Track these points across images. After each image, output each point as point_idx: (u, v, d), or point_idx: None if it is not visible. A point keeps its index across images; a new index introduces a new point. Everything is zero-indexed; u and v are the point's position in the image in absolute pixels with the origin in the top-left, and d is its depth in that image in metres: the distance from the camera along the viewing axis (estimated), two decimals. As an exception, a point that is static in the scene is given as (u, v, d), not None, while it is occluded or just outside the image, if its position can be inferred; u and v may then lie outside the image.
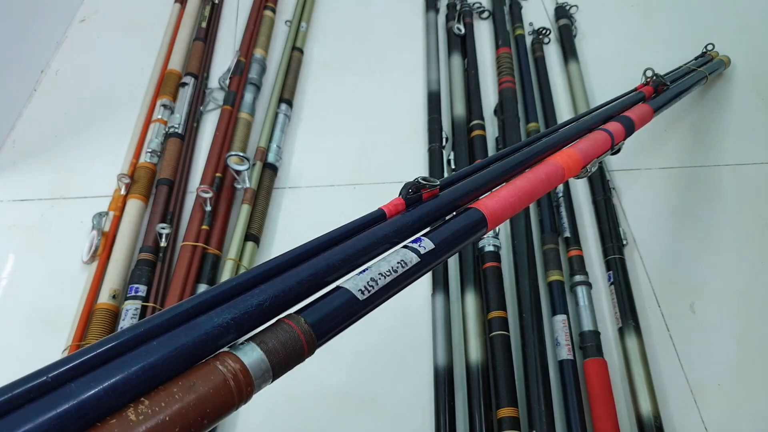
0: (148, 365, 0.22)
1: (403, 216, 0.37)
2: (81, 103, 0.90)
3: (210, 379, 0.23)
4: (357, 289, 0.30)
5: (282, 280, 0.29)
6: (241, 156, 0.73)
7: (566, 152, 0.47)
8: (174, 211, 0.73)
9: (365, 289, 0.30)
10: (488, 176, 0.42)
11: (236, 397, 0.23)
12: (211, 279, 0.67)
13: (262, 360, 0.25)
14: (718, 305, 0.69)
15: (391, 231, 0.35)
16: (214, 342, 0.25)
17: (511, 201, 0.40)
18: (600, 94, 0.91)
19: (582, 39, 1.00)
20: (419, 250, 0.33)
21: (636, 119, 0.57)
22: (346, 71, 0.95)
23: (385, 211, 0.37)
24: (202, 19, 0.97)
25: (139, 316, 0.63)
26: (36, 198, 0.78)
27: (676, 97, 0.70)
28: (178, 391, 0.22)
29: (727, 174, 0.81)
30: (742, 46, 0.95)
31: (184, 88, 0.86)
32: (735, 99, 0.91)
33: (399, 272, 0.31)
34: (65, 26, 1.01)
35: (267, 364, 0.25)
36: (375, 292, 0.30)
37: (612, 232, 0.73)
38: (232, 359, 0.24)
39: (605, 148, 0.51)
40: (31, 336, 0.66)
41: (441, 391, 0.60)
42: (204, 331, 0.25)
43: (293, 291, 0.29)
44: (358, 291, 0.30)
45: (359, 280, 0.30)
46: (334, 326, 0.29)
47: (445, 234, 0.35)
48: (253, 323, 0.27)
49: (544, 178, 0.43)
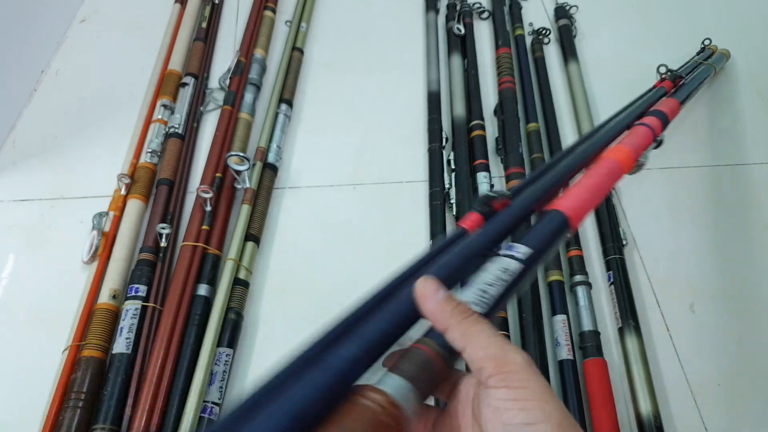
0: (294, 414, 0.22)
1: (485, 228, 0.37)
2: (81, 103, 0.90)
3: (362, 418, 0.22)
4: (472, 303, 0.30)
5: (395, 305, 0.29)
6: (241, 156, 0.73)
7: (616, 149, 0.49)
8: (174, 211, 0.73)
9: (479, 302, 0.30)
10: (552, 180, 0.43)
11: (395, 429, 0.23)
12: (211, 279, 0.67)
13: (406, 387, 0.24)
14: (718, 305, 0.69)
15: (481, 243, 0.35)
16: (350, 377, 0.25)
17: (585, 197, 0.41)
18: (600, 94, 0.91)
19: (582, 39, 1.00)
20: (517, 255, 0.33)
21: (668, 111, 0.59)
22: (346, 71, 0.95)
23: (465, 228, 0.38)
24: (202, 19, 0.97)
25: (139, 316, 0.63)
26: (36, 198, 0.78)
27: (696, 88, 0.72)
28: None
29: (727, 174, 0.81)
30: (742, 46, 0.96)
31: (185, 89, 0.86)
32: (735, 99, 0.91)
33: (506, 279, 0.31)
34: (65, 26, 1.01)
35: (412, 391, 0.24)
36: (490, 303, 0.30)
37: (612, 232, 0.73)
38: (375, 392, 0.24)
39: (649, 141, 0.53)
40: (31, 336, 0.66)
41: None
42: (337, 368, 0.24)
43: (408, 315, 0.29)
44: (473, 305, 0.29)
45: (470, 294, 0.30)
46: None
47: (537, 237, 0.36)
48: (379, 352, 0.27)
49: (606, 173, 0.45)
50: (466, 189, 0.75)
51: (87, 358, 0.60)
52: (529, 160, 0.81)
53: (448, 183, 0.76)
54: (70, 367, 0.60)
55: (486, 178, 0.76)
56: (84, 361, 0.60)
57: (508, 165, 0.78)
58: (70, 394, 0.58)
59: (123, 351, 0.60)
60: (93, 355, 0.60)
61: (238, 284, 0.67)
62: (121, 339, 0.61)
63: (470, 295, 0.30)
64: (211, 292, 0.66)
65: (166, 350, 0.60)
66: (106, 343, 0.62)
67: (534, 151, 0.81)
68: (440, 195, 0.75)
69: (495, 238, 0.36)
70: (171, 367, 0.59)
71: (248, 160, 0.73)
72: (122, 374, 0.59)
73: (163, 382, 0.58)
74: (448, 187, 0.76)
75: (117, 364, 0.60)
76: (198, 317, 0.64)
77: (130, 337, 0.61)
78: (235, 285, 0.66)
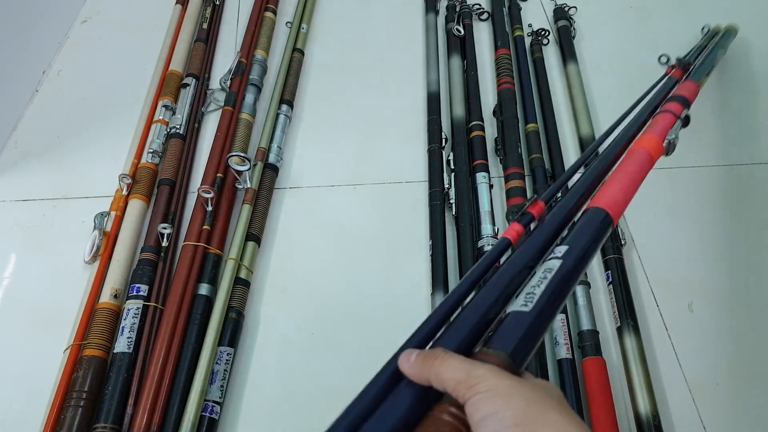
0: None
1: (530, 238, 0.39)
2: (83, 104, 0.90)
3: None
4: (520, 305, 0.32)
5: (456, 329, 0.32)
6: (242, 156, 0.74)
7: (643, 138, 0.50)
8: (175, 211, 0.74)
9: (526, 302, 0.32)
10: (587, 179, 0.45)
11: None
12: (212, 279, 0.68)
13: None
14: (716, 304, 0.70)
15: (528, 255, 0.37)
16: (428, 400, 0.28)
17: (622, 189, 0.43)
18: (599, 94, 0.92)
19: (581, 40, 1.00)
20: (557, 255, 0.36)
21: (687, 94, 0.60)
22: (347, 72, 0.96)
23: (509, 239, 0.40)
24: (203, 20, 0.98)
25: (141, 315, 0.63)
26: (38, 198, 0.79)
27: (712, 65, 0.72)
28: None
29: (725, 174, 0.82)
30: (741, 45, 0.96)
31: (186, 89, 0.86)
32: (733, 99, 0.91)
33: (550, 278, 0.34)
34: (67, 27, 1.01)
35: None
36: (537, 299, 0.32)
37: (611, 232, 0.73)
38: (454, 407, 0.27)
39: (672, 122, 0.54)
40: (33, 335, 0.66)
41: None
42: (412, 393, 0.28)
43: (470, 333, 0.32)
44: (521, 306, 0.32)
45: (520, 299, 0.33)
46: (519, 342, 0.30)
47: (577, 235, 0.38)
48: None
49: (638, 163, 0.46)
50: (466, 189, 0.75)
51: (88, 357, 0.60)
52: (528, 160, 0.81)
53: (448, 183, 0.77)
54: (71, 366, 0.60)
55: (485, 179, 0.76)
56: (85, 361, 0.60)
57: (508, 165, 0.78)
58: (71, 393, 0.58)
59: (124, 350, 0.61)
60: (94, 354, 0.61)
61: (239, 284, 0.67)
62: (122, 338, 0.62)
63: (520, 299, 0.32)
64: (212, 292, 0.67)
65: (167, 349, 0.61)
66: (107, 342, 0.62)
67: (533, 152, 0.81)
68: (440, 195, 0.76)
69: (543, 246, 0.38)
70: (172, 366, 0.60)
71: (249, 160, 0.74)
72: (123, 373, 0.59)
73: (164, 381, 0.59)
74: (447, 187, 0.76)
75: (118, 363, 0.60)
76: (199, 316, 0.64)
77: (132, 336, 0.62)
78: (236, 284, 0.67)
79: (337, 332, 0.67)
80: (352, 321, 0.68)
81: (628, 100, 0.94)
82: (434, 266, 0.69)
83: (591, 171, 0.47)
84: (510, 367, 0.29)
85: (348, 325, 0.68)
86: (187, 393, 0.58)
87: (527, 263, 0.37)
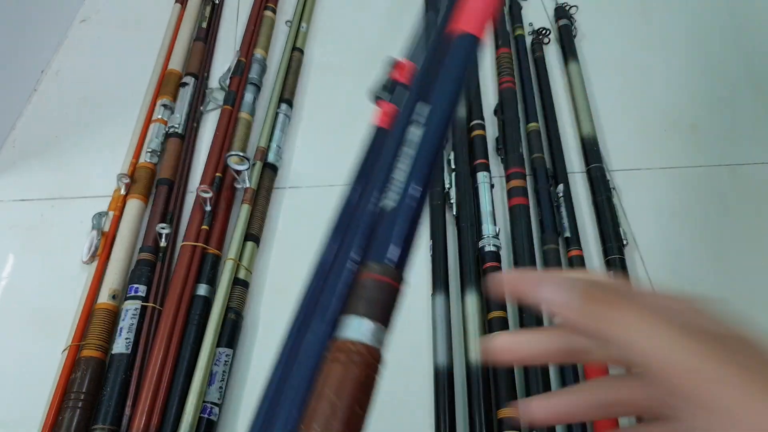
0: (292, 401, 0.23)
1: (399, 116, 0.31)
2: (81, 103, 0.90)
3: (341, 375, 0.22)
4: (388, 200, 0.27)
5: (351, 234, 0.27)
6: (241, 156, 0.73)
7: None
8: (174, 211, 0.73)
9: (393, 197, 0.26)
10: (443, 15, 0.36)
11: (372, 370, 0.23)
12: (210, 279, 0.67)
13: (366, 324, 0.24)
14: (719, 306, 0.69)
15: (399, 138, 0.29)
16: (322, 344, 0.25)
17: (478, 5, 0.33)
18: (600, 94, 0.91)
19: (582, 39, 1.00)
20: (418, 119, 0.28)
21: None
22: (347, 71, 0.95)
23: (381, 126, 0.32)
24: (202, 19, 0.97)
25: (139, 315, 0.63)
26: (36, 198, 0.78)
27: None
28: (325, 405, 0.22)
29: (728, 174, 0.81)
30: (743, 44, 0.95)
31: (185, 88, 0.86)
32: (735, 98, 0.91)
33: (412, 155, 0.27)
34: (66, 26, 1.00)
35: (374, 325, 0.24)
36: (403, 188, 0.26)
37: (612, 232, 0.72)
38: (344, 344, 0.23)
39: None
40: (31, 336, 0.66)
41: (441, 391, 0.59)
42: (313, 341, 0.25)
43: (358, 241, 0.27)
44: (390, 202, 0.26)
45: (388, 194, 0.27)
46: (400, 241, 0.26)
47: (442, 84, 0.29)
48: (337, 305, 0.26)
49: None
50: (466, 189, 0.75)
51: (87, 358, 0.60)
52: (529, 160, 0.81)
53: (448, 183, 0.76)
54: (69, 367, 0.60)
55: (486, 178, 0.76)
56: (84, 362, 0.60)
57: (509, 165, 0.78)
58: (69, 394, 0.58)
59: (122, 351, 0.60)
60: (92, 355, 0.60)
61: (237, 284, 0.67)
62: (120, 339, 0.61)
63: (388, 195, 0.27)
64: (210, 292, 0.66)
65: (166, 350, 0.60)
66: (105, 343, 0.62)
67: (534, 151, 0.81)
68: (440, 195, 0.75)
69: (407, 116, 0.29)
70: (170, 368, 0.59)
71: (248, 159, 0.73)
72: (122, 374, 0.59)
73: (163, 383, 0.58)
74: (448, 187, 0.76)
75: (116, 364, 0.59)
76: (198, 317, 0.63)
77: (130, 337, 0.61)
78: (234, 285, 0.66)
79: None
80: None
81: (629, 99, 0.94)
82: (435, 266, 0.69)
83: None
84: (396, 278, 0.25)
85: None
86: (186, 394, 0.58)
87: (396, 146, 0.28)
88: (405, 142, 0.28)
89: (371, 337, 0.23)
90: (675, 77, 0.94)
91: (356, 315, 0.24)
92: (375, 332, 0.24)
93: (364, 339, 0.23)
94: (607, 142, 0.84)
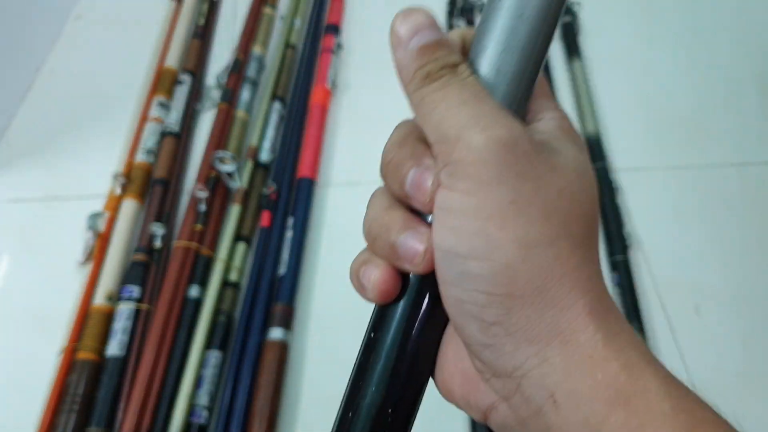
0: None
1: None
2: (76, 102, 0.89)
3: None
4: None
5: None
6: (226, 156, 0.72)
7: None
8: (169, 211, 0.72)
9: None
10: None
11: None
12: (203, 280, 0.66)
13: None
14: (723, 308, 0.68)
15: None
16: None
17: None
18: (604, 91, 0.90)
19: (586, 36, 0.98)
20: None
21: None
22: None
23: None
24: (199, 16, 0.96)
25: (133, 317, 0.62)
26: (30, 198, 0.77)
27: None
28: None
29: (734, 174, 0.80)
30: (747, 43, 0.94)
31: (181, 86, 0.85)
32: (742, 96, 0.89)
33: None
34: (61, 24, 0.99)
35: None
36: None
37: (617, 232, 0.71)
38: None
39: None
40: (26, 338, 0.65)
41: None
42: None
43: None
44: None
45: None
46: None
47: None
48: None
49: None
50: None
51: (82, 361, 0.59)
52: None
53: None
54: (65, 370, 0.59)
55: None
56: (79, 364, 0.59)
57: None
58: (65, 397, 0.57)
59: (116, 354, 0.60)
60: (88, 357, 0.60)
61: (229, 286, 0.65)
62: (114, 342, 0.60)
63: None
64: (202, 294, 0.65)
65: (158, 353, 0.59)
66: (101, 345, 0.61)
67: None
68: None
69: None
70: (161, 370, 0.59)
71: (234, 159, 0.72)
72: (115, 377, 0.58)
73: (154, 386, 0.58)
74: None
75: (110, 367, 0.59)
76: (189, 319, 0.63)
77: (124, 339, 0.61)
78: (225, 286, 0.65)
79: (332, 336, 0.65)
80: (350, 324, 0.66)
81: (634, 97, 0.93)
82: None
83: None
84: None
85: (345, 328, 0.66)
86: (175, 398, 0.57)
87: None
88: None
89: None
90: (680, 74, 0.92)
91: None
92: None
93: None
94: (611, 141, 0.83)
